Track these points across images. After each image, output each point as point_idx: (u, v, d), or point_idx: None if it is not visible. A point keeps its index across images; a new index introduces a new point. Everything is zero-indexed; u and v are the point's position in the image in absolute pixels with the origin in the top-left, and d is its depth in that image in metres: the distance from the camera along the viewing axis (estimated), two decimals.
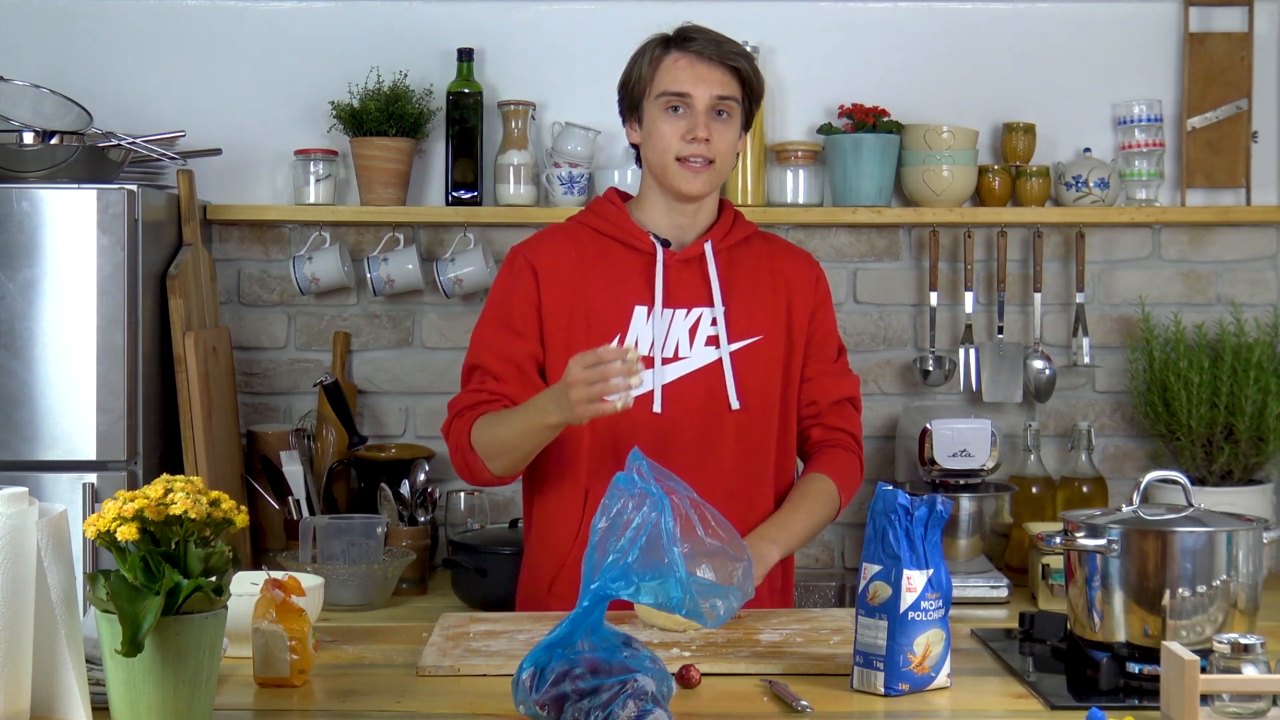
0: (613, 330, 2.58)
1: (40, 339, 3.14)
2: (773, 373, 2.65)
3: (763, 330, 2.63)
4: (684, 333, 2.60)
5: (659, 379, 2.57)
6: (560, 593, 2.62)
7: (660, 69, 2.59)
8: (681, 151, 2.56)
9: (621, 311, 2.59)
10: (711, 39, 2.59)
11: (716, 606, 1.98)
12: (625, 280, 2.61)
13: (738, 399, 2.59)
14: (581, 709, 1.82)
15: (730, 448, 2.60)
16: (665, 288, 2.60)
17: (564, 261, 2.62)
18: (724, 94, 2.57)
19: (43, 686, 1.84)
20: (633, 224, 2.64)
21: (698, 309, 2.61)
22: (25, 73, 3.43)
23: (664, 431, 2.56)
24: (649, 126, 2.60)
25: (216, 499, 1.84)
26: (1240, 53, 3.71)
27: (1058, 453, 3.73)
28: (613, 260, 2.63)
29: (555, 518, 2.64)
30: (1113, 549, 2.09)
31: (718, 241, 2.64)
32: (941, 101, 3.71)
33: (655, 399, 2.57)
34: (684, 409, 2.58)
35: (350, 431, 3.55)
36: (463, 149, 3.63)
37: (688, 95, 2.56)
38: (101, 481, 3.14)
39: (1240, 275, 3.75)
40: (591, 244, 2.64)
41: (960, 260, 3.70)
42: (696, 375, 2.60)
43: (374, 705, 2.02)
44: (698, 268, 2.62)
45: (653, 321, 2.59)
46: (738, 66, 2.58)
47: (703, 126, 2.55)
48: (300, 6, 3.72)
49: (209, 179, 3.59)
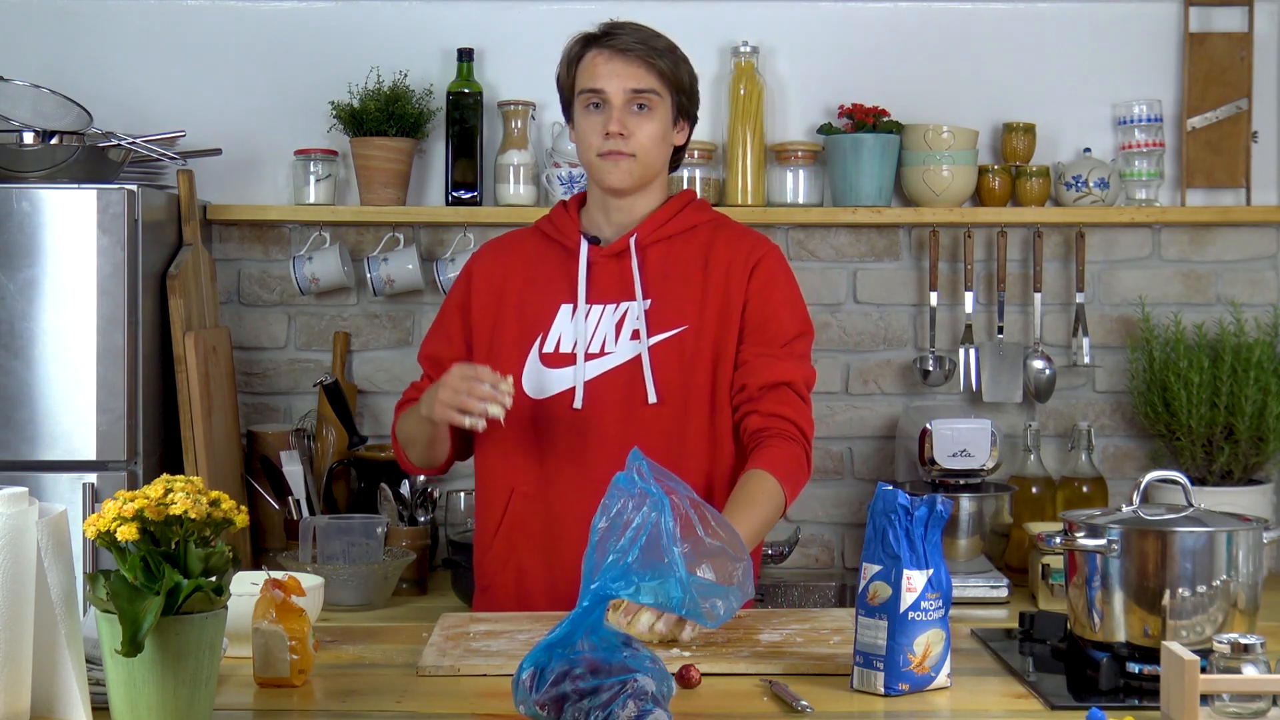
0: (536, 328, 2.61)
1: (40, 339, 3.14)
2: (699, 364, 2.59)
3: (688, 320, 2.59)
4: (611, 328, 2.60)
5: (580, 375, 2.59)
6: (485, 585, 2.67)
7: (579, 68, 2.62)
8: (601, 148, 2.58)
9: (547, 310, 2.62)
10: (630, 33, 2.60)
11: (716, 606, 1.98)
12: (553, 280, 2.64)
13: (656, 393, 2.57)
14: (581, 709, 1.82)
15: (653, 443, 2.47)
16: (590, 284, 2.61)
17: (498, 265, 2.69)
18: (640, 87, 2.57)
19: (43, 686, 1.84)
20: (570, 223, 2.67)
21: (624, 303, 2.61)
22: (25, 73, 3.42)
23: (584, 426, 2.57)
24: (575, 125, 2.64)
25: (216, 499, 1.84)
26: (1240, 53, 3.71)
27: (1058, 453, 3.73)
28: (543, 260, 2.66)
29: (484, 511, 2.69)
30: (1113, 549, 2.09)
31: (645, 234, 2.63)
32: (941, 101, 3.71)
33: (577, 395, 2.58)
34: (603, 404, 2.58)
35: (350, 431, 3.55)
36: (463, 149, 3.63)
37: (602, 90, 2.57)
38: (101, 481, 3.14)
39: (1240, 275, 3.75)
40: (533, 246, 2.70)
41: (960, 260, 3.70)
42: (618, 370, 2.59)
43: (374, 705, 2.02)
44: (625, 262, 2.62)
45: (576, 319, 2.60)
46: (653, 62, 2.57)
47: (616, 121, 2.56)
48: (300, 6, 3.72)
49: (209, 179, 3.59)
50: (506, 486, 2.63)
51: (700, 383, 2.60)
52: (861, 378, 3.75)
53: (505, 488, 2.63)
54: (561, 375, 2.60)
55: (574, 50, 2.64)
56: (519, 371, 2.60)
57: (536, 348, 2.61)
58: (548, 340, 2.61)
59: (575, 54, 2.63)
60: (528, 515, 2.61)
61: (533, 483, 2.61)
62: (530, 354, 2.61)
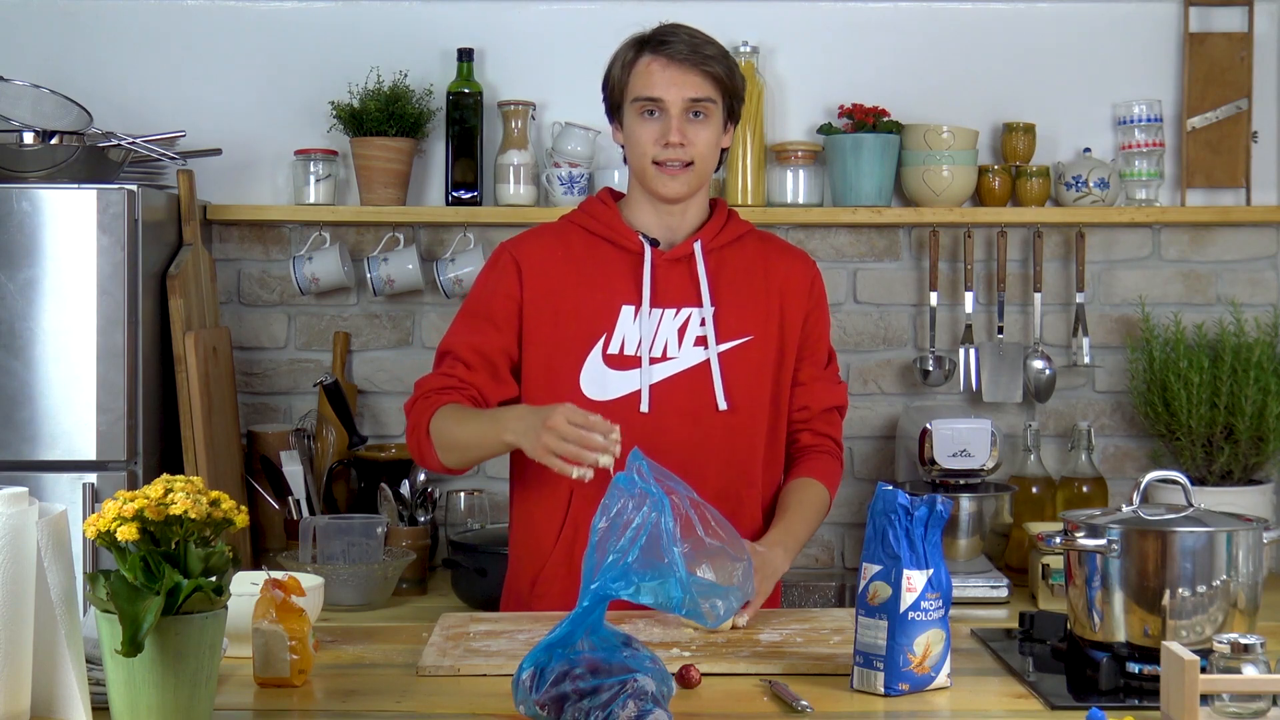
0: (599, 329, 2.58)
1: (40, 339, 3.14)
2: (762, 374, 2.63)
3: (753, 331, 2.62)
4: (673, 333, 2.59)
5: (646, 379, 2.57)
6: (542, 593, 2.62)
7: (634, 73, 2.58)
8: (658, 156, 2.56)
9: (608, 311, 2.59)
10: (685, 40, 2.57)
11: (716, 606, 1.98)
12: (612, 280, 2.61)
13: (725, 400, 2.58)
14: (581, 709, 1.82)
15: (717, 449, 2.59)
16: (653, 287, 2.59)
17: (550, 259, 2.62)
18: (698, 96, 2.55)
19: (43, 686, 1.84)
20: (622, 223, 2.64)
21: (687, 309, 2.60)
22: (25, 73, 3.43)
23: (651, 432, 2.54)
24: (627, 130, 2.61)
25: (216, 499, 1.84)
26: (1240, 53, 3.71)
27: (1058, 453, 3.73)
28: (601, 259, 2.62)
29: (539, 518, 2.63)
30: (1113, 549, 2.09)
31: (708, 241, 2.63)
32: (941, 101, 3.71)
33: (642, 399, 2.57)
34: (671, 409, 2.57)
35: (350, 431, 3.55)
36: (463, 149, 3.63)
37: (660, 99, 2.55)
38: (101, 481, 3.14)
39: (1240, 275, 3.76)
40: (580, 243, 2.64)
41: (960, 260, 3.71)
42: (684, 376, 2.59)
43: (374, 705, 2.02)
44: (687, 267, 2.62)
45: (640, 321, 2.59)
46: (710, 70, 2.56)
47: (676, 131, 2.54)
48: (300, 6, 3.72)
49: (209, 179, 3.59)
50: (565, 491, 2.57)
51: (764, 392, 2.63)
52: (861, 378, 3.75)
53: (564, 491, 2.57)
54: (625, 377, 2.58)
55: (628, 54, 2.60)
56: (579, 370, 2.58)
57: (600, 348, 2.58)
58: (612, 341, 2.58)
59: (629, 58, 2.59)
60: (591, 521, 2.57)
61: (595, 486, 2.56)
62: (592, 353, 2.58)
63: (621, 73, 2.60)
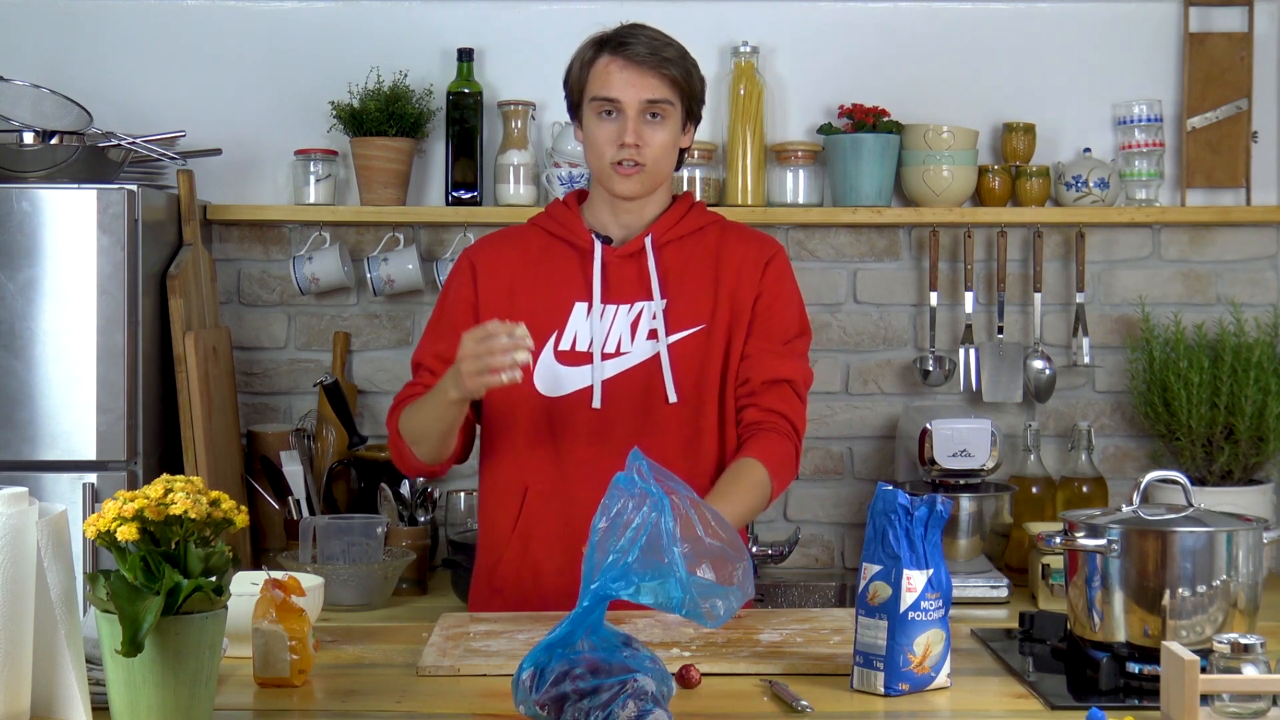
0: (550, 327, 2.60)
1: (40, 339, 3.14)
2: (714, 363, 2.62)
3: (703, 320, 2.61)
4: (626, 328, 2.60)
5: (599, 375, 2.59)
6: (499, 587, 2.64)
7: (592, 72, 2.59)
8: (613, 156, 2.57)
9: (560, 309, 2.61)
10: (644, 41, 2.57)
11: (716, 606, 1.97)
12: (565, 278, 2.63)
13: (675, 392, 2.58)
14: (581, 709, 1.82)
15: (671, 441, 2.58)
16: (605, 284, 2.61)
17: (504, 260, 2.66)
18: (654, 98, 2.56)
19: (43, 686, 1.84)
20: (578, 222, 2.66)
21: (640, 303, 2.61)
22: (25, 73, 3.43)
23: (603, 426, 2.57)
24: (585, 129, 2.62)
25: (216, 499, 1.84)
26: (1240, 53, 3.71)
27: (1058, 453, 3.73)
28: (554, 259, 2.65)
29: (495, 511, 2.67)
30: (1113, 549, 2.09)
31: (659, 235, 2.64)
32: (941, 101, 3.71)
33: (595, 394, 2.58)
34: (622, 403, 2.58)
35: (350, 431, 3.55)
36: (463, 149, 3.63)
37: (617, 100, 2.56)
38: (101, 481, 3.14)
39: (1240, 275, 3.75)
40: (538, 244, 2.67)
41: (960, 260, 3.71)
42: (636, 370, 2.59)
43: (374, 705, 2.02)
44: (638, 262, 2.63)
45: (592, 318, 2.60)
46: (668, 72, 2.56)
47: (631, 132, 2.55)
48: (300, 6, 3.72)
49: (209, 179, 3.59)
50: (520, 485, 2.62)
51: (714, 380, 2.62)
52: (861, 378, 3.75)
53: (519, 487, 2.62)
54: (577, 374, 2.59)
55: (586, 54, 2.62)
56: (532, 367, 2.58)
57: (551, 345, 2.60)
58: (563, 338, 2.60)
59: (588, 57, 2.61)
60: (545, 514, 2.60)
61: (549, 481, 2.60)
62: (544, 351, 2.60)
63: (580, 71, 2.62)
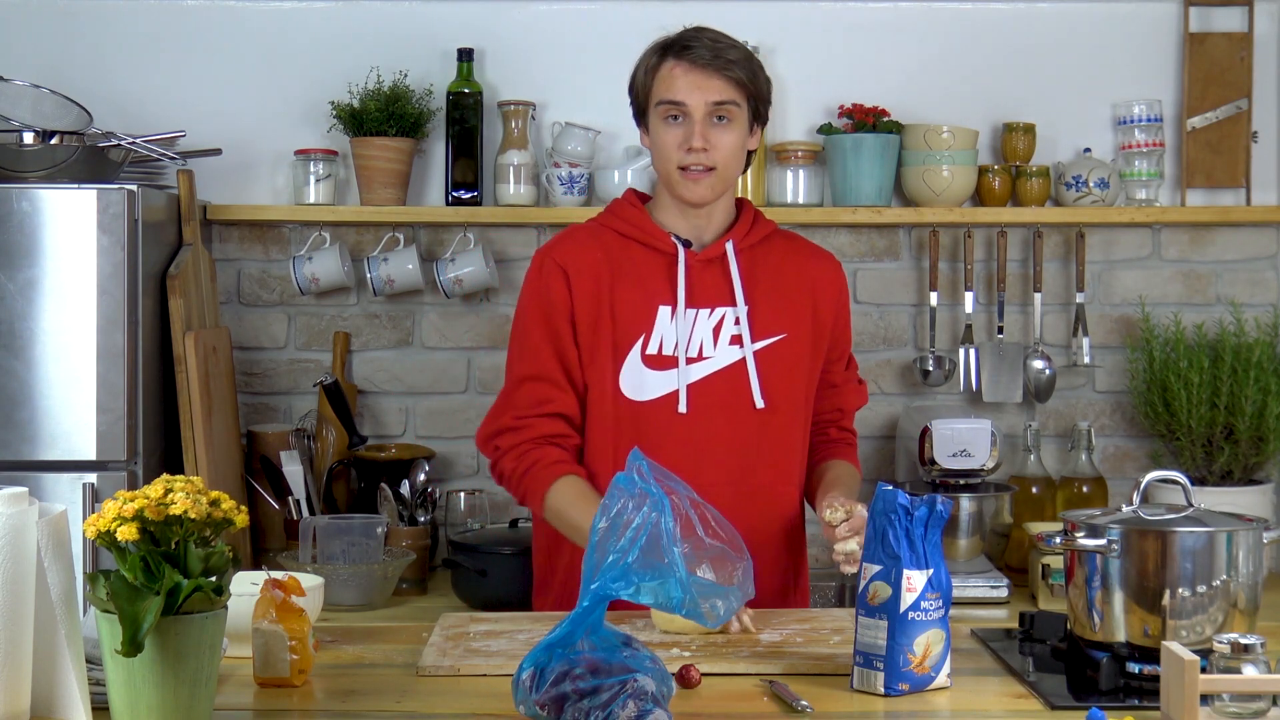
0: (638, 330, 2.59)
1: (40, 339, 3.14)
2: (796, 371, 2.65)
3: (786, 329, 2.64)
4: (708, 332, 2.60)
5: (683, 379, 2.58)
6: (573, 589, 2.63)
7: (657, 78, 2.59)
8: (682, 161, 2.57)
9: (646, 312, 2.60)
10: (707, 45, 2.57)
11: (716, 606, 1.98)
12: (649, 280, 2.61)
13: (762, 398, 2.60)
14: (581, 709, 1.82)
15: (756, 447, 2.61)
16: (688, 287, 2.60)
17: (591, 262, 2.62)
18: (720, 99, 2.56)
19: (43, 686, 1.84)
20: (653, 225, 2.65)
21: (721, 308, 2.61)
22: (25, 73, 3.43)
23: (690, 431, 2.57)
24: (652, 135, 2.62)
25: (216, 499, 1.84)
26: (1240, 53, 3.71)
27: (1058, 453, 3.73)
28: (636, 261, 2.63)
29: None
30: (1113, 549, 2.09)
31: (739, 241, 2.65)
32: (941, 101, 3.71)
33: (680, 399, 2.58)
34: (709, 409, 2.58)
35: (350, 431, 3.55)
36: (463, 149, 3.63)
37: (683, 104, 2.56)
38: (101, 481, 3.14)
39: (1240, 275, 3.75)
40: (615, 245, 2.64)
41: (960, 260, 3.71)
42: (721, 375, 2.60)
43: (374, 705, 2.02)
44: (720, 267, 2.63)
45: (676, 321, 2.59)
46: (733, 74, 2.56)
47: (699, 136, 2.55)
48: (300, 6, 3.72)
49: (209, 179, 3.59)
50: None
51: (798, 390, 2.66)
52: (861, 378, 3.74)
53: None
54: (663, 378, 2.59)
55: (650, 59, 2.60)
56: (619, 370, 2.58)
57: (639, 348, 2.59)
58: (650, 341, 2.59)
59: (652, 63, 2.59)
60: None
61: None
62: (631, 354, 2.59)
63: (645, 77, 2.60)
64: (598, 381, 2.59)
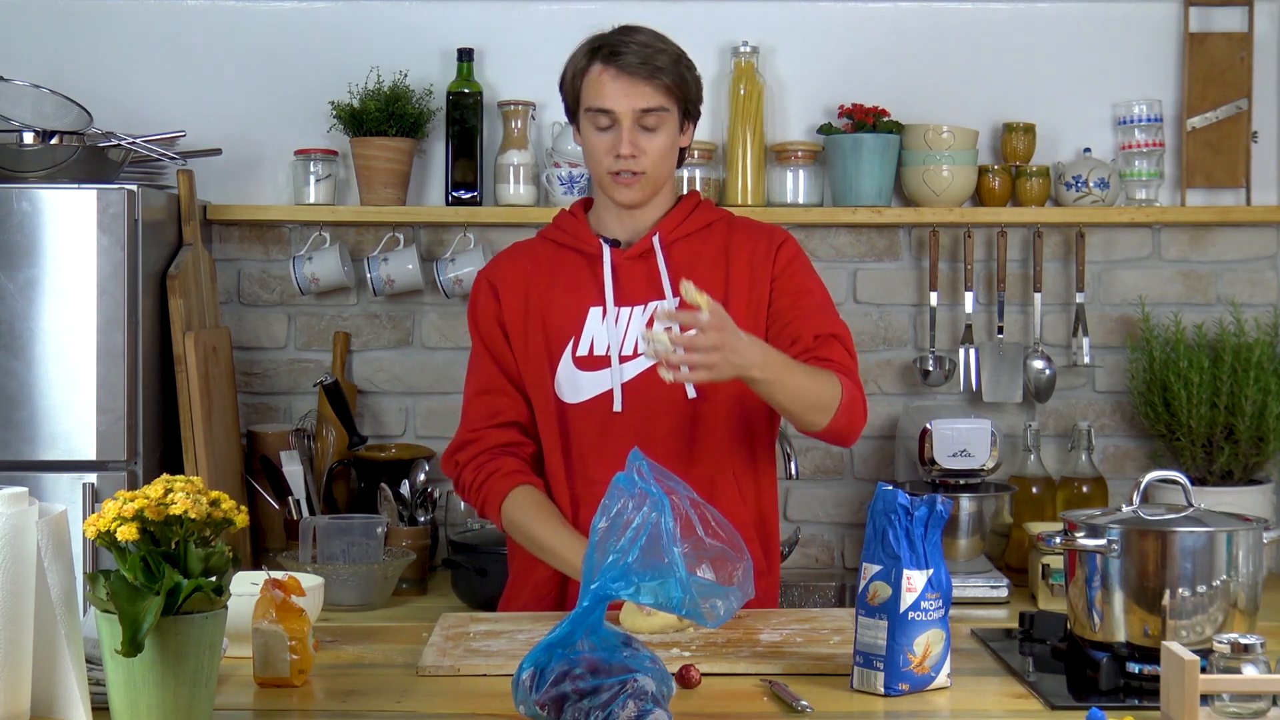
0: (568, 332, 2.60)
1: (40, 339, 3.14)
2: None
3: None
4: (641, 329, 2.59)
5: (617, 378, 2.58)
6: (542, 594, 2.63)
7: (586, 82, 2.57)
8: (611, 166, 2.56)
9: (576, 314, 2.61)
10: (636, 50, 2.54)
11: (716, 607, 1.98)
12: (578, 284, 2.62)
13: (694, 388, 2.56)
14: (581, 709, 1.82)
15: (694, 438, 2.58)
16: (616, 286, 2.60)
17: (519, 273, 2.66)
18: (649, 106, 2.54)
19: (43, 686, 1.84)
20: (585, 229, 2.65)
21: (653, 303, 2.60)
22: (25, 73, 3.43)
23: (627, 429, 2.55)
24: (583, 138, 2.61)
25: (216, 499, 1.84)
26: (1240, 53, 3.71)
27: (1058, 453, 3.73)
28: (565, 266, 2.64)
29: None
30: (1113, 549, 2.09)
31: (666, 234, 2.63)
32: (941, 101, 3.71)
33: (615, 398, 2.58)
34: (644, 405, 2.57)
35: (350, 431, 3.55)
36: (463, 149, 3.63)
37: (611, 111, 2.54)
38: (101, 481, 3.14)
39: (1240, 275, 3.75)
40: (547, 255, 2.67)
41: (960, 260, 3.71)
42: (654, 370, 2.54)
43: (374, 705, 2.02)
44: (647, 262, 2.62)
45: (607, 322, 2.59)
46: (661, 81, 2.53)
47: (627, 143, 2.54)
48: (300, 6, 3.72)
49: (209, 179, 3.59)
50: (567, 497, 2.60)
51: None
52: (862, 378, 3.74)
53: (566, 497, 2.61)
54: (596, 378, 2.59)
55: (580, 62, 2.60)
56: (553, 375, 2.59)
57: (569, 351, 2.60)
58: (580, 344, 2.60)
59: (581, 66, 2.59)
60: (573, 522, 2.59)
61: (576, 486, 2.60)
62: (564, 357, 2.60)
63: (574, 80, 2.60)
64: (536, 389, 2.62)
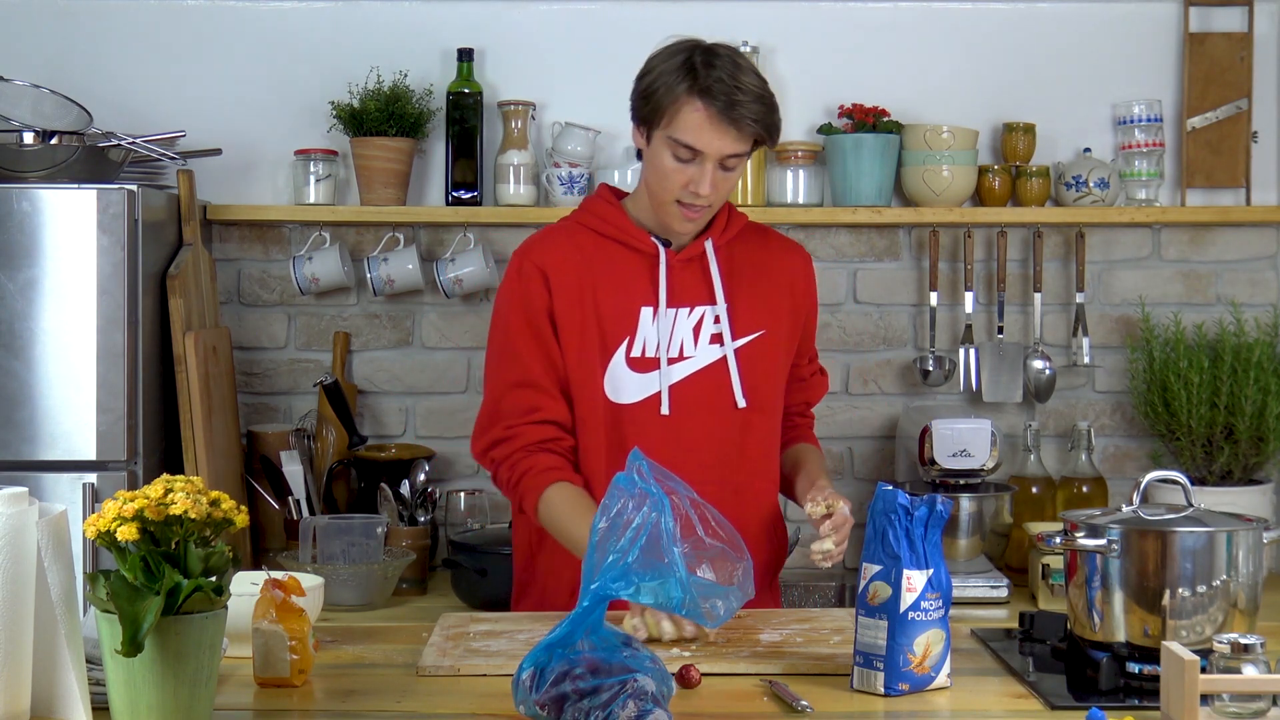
0: (623, 333, 2.58)
1: (40, 339, 3.14)
2: (775, 367, 2.66)
3: (765, 325, 2.64)
4: (688, 332, 2.60)
5: (665, 380, 2.58)
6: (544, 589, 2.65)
7: (678, 112, 2.48)
8: (683, 197, 2.53)
9: (629, 313, 2.59)
10: (732, 93, 2.46)
11: (716, 606, 1.98)
12: (630, 282, 2.60)
13: (744, 397, 2.59)
14: (581, 709, 1.82)
15: (738, 445, 2.61)
16: (669, 288, 2.60)
17: (571, 263, 2.60)
18: (734, 153, 2.50)
19: (43, 686, 1.84)
20: (632, 224, 2.63)
21: (701, 307, 2.61)
22: (25, 73, 3.43)
23: (672, 433, 2.56)
24: (656, 156, 2.53)
25: (216, 499, 1.84)
26: (1240, 53, 3.71)
27: (1058, 453, 3.73)
28: (616, 261, 2.61)
29: None
30: (1113, 549, 2.09)
31: (717, 239, 2.64)
32: (941, 101, 3.71)
33: (663, 400, 2.57)
34: (691, 409, 2.58)
35: (350, 431, 3.55)
36: (463, 149, 3.63)
37: (701, 154, 2.49)
38: (101, 481, 3.14)
39: (1240, 275, 3.75)
40: (592, 245, 2.62)
41: (960, 260, 3.71)
42: (702, 374, 2.60)
43: (374, 705, 2.02)
44: (699, 266, 2.62)
45: (658, 322, 2.59)
46: (752, 129, 2.49)
47: (708, 183, 2.50)
48: (300, 6, 3.72)
49: (209, 179, 3.59)
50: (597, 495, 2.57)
51: (777, 386, 2.67)
52: (861, 378, 3.75)
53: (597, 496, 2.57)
54: (644, 380, 2.58)
55: (677, 85, 2.48)
56: (603, 373, 2.57)
57: (623, 351, 2.58)
58: (635, 344, 2.58)
59: (678, 91, 2.48)
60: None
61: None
62: (616, 356, 2.58)
63: (664, 98, 2.49)
64: (583, 385, 2.57)
